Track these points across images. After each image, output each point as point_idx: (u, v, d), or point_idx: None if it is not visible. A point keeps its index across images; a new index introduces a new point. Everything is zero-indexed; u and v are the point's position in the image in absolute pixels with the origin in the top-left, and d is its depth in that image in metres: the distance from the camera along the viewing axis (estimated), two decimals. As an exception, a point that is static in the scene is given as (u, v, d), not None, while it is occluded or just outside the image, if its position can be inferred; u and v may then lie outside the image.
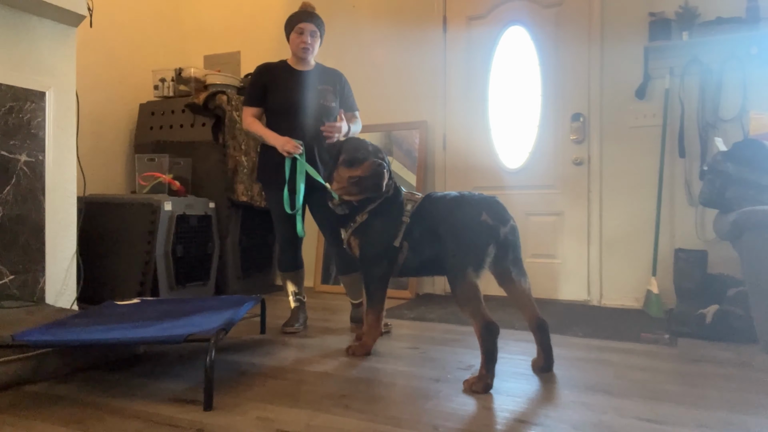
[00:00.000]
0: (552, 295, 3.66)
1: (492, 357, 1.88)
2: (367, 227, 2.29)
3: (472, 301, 1.94)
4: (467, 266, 1.98)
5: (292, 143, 2.57)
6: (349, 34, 4.25)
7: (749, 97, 3.18)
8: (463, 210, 2.09)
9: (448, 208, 2.15)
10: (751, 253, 2.39)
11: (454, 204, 2.15)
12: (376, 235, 2.27)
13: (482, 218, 2.03)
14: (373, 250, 2.27)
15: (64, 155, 2.76)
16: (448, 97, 4.00)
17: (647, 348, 2.45)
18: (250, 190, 3.80)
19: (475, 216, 2.04)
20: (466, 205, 2.10)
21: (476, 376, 1.89)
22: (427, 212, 2.23)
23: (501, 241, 2.04)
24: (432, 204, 2.24)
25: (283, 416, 1.63)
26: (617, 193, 3.52)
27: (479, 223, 2.02)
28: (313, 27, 2.69)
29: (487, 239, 2.02)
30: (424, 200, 2.29)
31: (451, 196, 2.22)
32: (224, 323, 1.93)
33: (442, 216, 2.15)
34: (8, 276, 2.51)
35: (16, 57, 2.55)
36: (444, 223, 2.12)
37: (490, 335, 1.89)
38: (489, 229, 2.02)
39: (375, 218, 2.28)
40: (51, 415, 1.64)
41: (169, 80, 4.10)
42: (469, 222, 2.04)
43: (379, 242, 2.26)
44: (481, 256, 2.00)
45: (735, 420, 1.61)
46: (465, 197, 2.16)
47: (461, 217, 2.08)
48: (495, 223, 2.04)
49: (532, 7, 3.76)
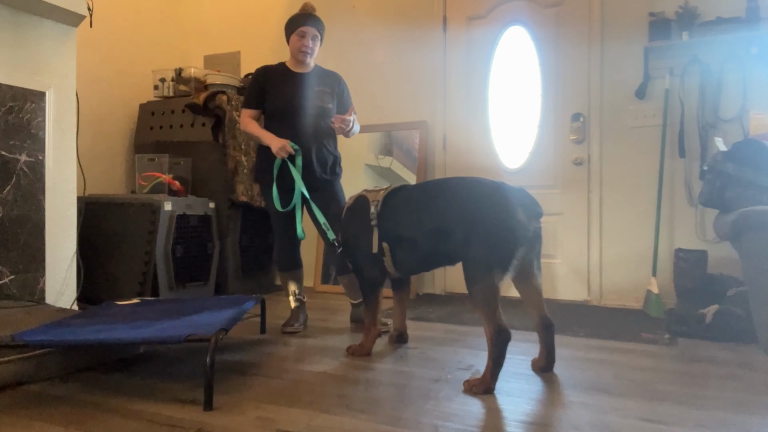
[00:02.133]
0: (552, 295, 3.66)
1: (499, 363, 1.86)
2: (344, 244, 2.37)
3: (490, 304, 1.86)
4: (493, 267, 1.87)
5: (285, 150, 2.56)
6: (349, 34, 4.25)
7: (749, 97, 3.18)
8: (497, 204, 1.92)
9: (467, 194, 2.00)
10: (751, 253, 2.39)
11: (476, 191, 1.98)
12: (351, 247, 2.33)
13: (519, 217, 1.89)
14: (356, 260, 2.31)
15: (64, 155, 2.76)
16: (448, 97, 4.00)
17: (647, 348, 2.45)
18: (250, 190, 3.80)
19: (512, 213, 1.89)
20: (498, 197, 1.93)
21: (478, 378, 1.87)
22: (414, 204, 2.12)
23: (530, 237, 1.94)
24: (426, 193, 2.12)
25: (283, 416, 1.63)
26: (617, 193, 3.52)
27: (517, 222, 1.89)
28: (315, 31, 2.69)
29: (520, 240, 1.90)
30: (392, 195, 2.21)
31: (465, 183, 2.05)
32: (224, 323, 1.93)
33: (453, 204, 2.01)
34: (8, 276, 2.51)
35: (16, 57, 2.55)
36: (461, 212, 1.96)
37: (502, 341, 1.85)
38: (524, 230, 1.90)
39: (345, 232, 2.36)
40: (51, 415, 1.64)
41: (169, 80, 4.10)
42: (504, 219, 1.89)
43: (357, 252, 2.29)
44: (510, 259, 1.88)
45: (735, 420, 1.61)
46: (490, 186, 1.99)
47: (493, 212, 1.91)
48: (529, 221, 1.92)
49: (532, 7, 3.76)
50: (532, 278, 2.06)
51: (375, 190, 2.32)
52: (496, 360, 1.85)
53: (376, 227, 2.18)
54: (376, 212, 2.20)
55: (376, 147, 4.12)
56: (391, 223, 2.18)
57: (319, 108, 2.71)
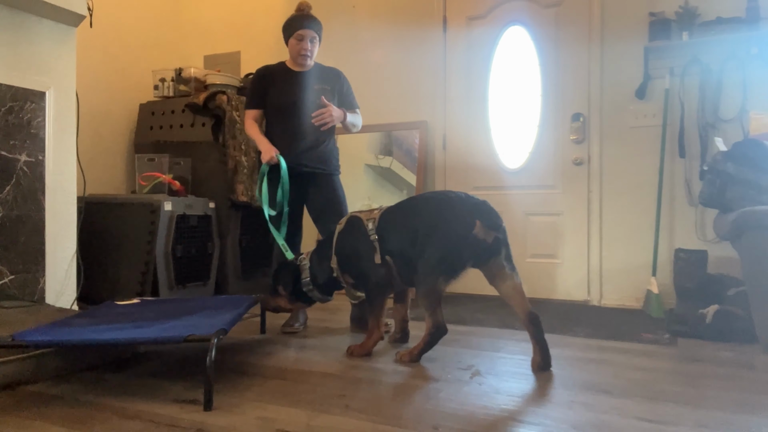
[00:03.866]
0: (552, 295, 3.66)
1: (428, 347, 2.18)
2: (343, 262, 2.37)
3: (432, 303, 2.12)
4: (439, 275, 2.09)
5: (268, 157, 2.62)
6: (348, 34, 4.25)
7: (749, 97, 3.18)
8: (454, 216, 2.11)
9: (433, 208, 2.18)
10: (751, 253, 2.39)
11: (441, 206, 2.17)
12: (352, 262, 2.34)
13: (475, 230, 2.06)
14: (361, 270, 2.33)
15: (64, 155, 2.76)
16: (448, 97, 4.00)
17: (647, 348, 2.45)
18: (250, 190, 3.80)
19: (469, 227, 2.07)
20: (456, 211, 2.12)
21: (407, 351, 2.21)
22: (404, 218, 2.25)
23: (492, 246, 2.09)
24: (406, 209, 2.28)
25: (283, 416, 1.63)
26: (617, 193, 3.52)
27: (471, 236, 2.06)
28: (312, 33, 2.70)
29: (472, 253, 2.09)
30: (386, 212, 2.32)
31: (435, 197, 2.24)
32: (224, 323, 1.93)
33: (422, 216, 2.18)
34: (8, 276, 2.51)
35: (16, 57, 2.55)
36: (426, 224, 2.15)
37: (438, 334, 2.15)
38: (477, 243, 2.07)
39: (343, 251, 2.36)
40: (51, 415, 1.64)
41: (169, 80, 4.10)
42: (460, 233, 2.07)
43: (360, 263, 2.31)
44: (458, 269, 2.10)
45: (735, 420, 1.61)
46: (453, 200, 2.17)
47: (449, 225, 2.10)
48: (487, 233, 2.07)
49: (532, 7, 3.75)
50: (507, 280, 2.16)
51: (367, 211, 2.43)
52: (427, 345, 2.18)
53: (377, 241, 2.28)
54: (374, 228, 2.29)
55: (376, 147, 4.12)
56: (388, 237, 2.27)
57: (319, 106, 2.71)
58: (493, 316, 3.12)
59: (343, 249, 2.37)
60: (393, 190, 4.04)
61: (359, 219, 2.36)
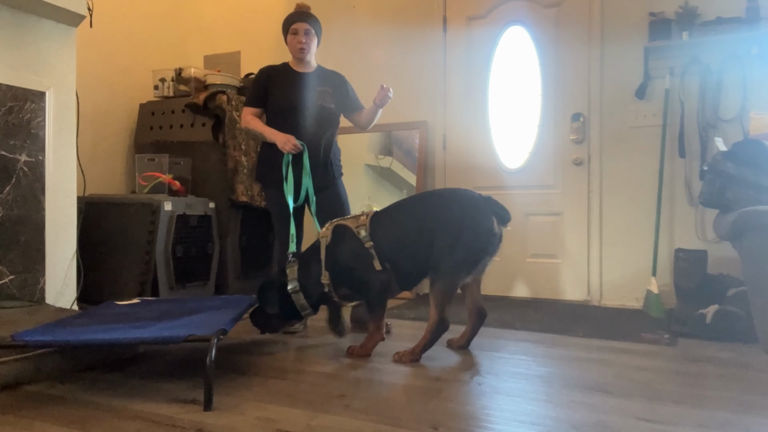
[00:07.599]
0: (552, 295, 3.66)
1: (430, 344, 2.19)
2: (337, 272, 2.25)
3: (447, 299, 2.14)
4: (461, 271, 2.11)
5: (291, 144, 2.58)
6: (348, 34, 4.25)
7: (749, 97, 3.18)
8: (479, 213, 2.14)
9: (453, 206, 2.18)
10: (751, 253, 2.39)
11: (462, 203, 2.18)
12: (347, 270, 2.24)
13: (494, 227, 2.12)
14: (360, 276, 2.23)
15: (64, 155, 2.76)
16: (448, 97, 4.00)
17: (647, 348, 2.45)
18: (250, 190, 3.80)
19: (491, 223, 2.12)
20: (480, 208, 2.16)
21: (408, 351, 2.18)
22: (410, 220, 2.24)
23: (499, 240, 2.18)
24: (410, 210, 2.26)
25: (283, 416, 1.63)
26: (617, 193, 3.52)
27: (493, 233, 2.12)
28: (306, 26, 2.70)
29: (492, 249, 2.14)
30: (381, 215, 2.28)
31: (448, 195, 2.26)
32: (224, 323, 1.93)
33: (439, 216, 2.18)
34: (8, 276, 2.51)
35: (16, 57, 2.55)
36: (446, 222, 2.15)
37: (441, 330, 2.17)
38: (496, 239, 2.13)
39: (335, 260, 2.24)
40: (51, 415, 1.64)
41: (169, 80, 4.10)
42: (487, 228, 2.12)
43: (357, 270, 2.22)
44: (478, 265, 2.13)
45: (735, 420, 1.61)
46: (475, 198, 2.19)
47: (476, 222, 2.13)
48: (499, 228, 2.14)
49: (532, 7, 3.76)
50: (481, 273, 2.28)
51: (352, 218, 2.32)
52: (430, 342, 2.18)
53: (373, 248, 2.21)
54: (367, 235, 2.22)
55: (375, 147, 4.12)
56: (387, 241, 2.22)
57: (320, 108, 2.71)
58: (492, 316, 3.12)
59: (336, 263, 2.23)
60: (393, 190, 4.04)
61: (347, 228, 2.25)
